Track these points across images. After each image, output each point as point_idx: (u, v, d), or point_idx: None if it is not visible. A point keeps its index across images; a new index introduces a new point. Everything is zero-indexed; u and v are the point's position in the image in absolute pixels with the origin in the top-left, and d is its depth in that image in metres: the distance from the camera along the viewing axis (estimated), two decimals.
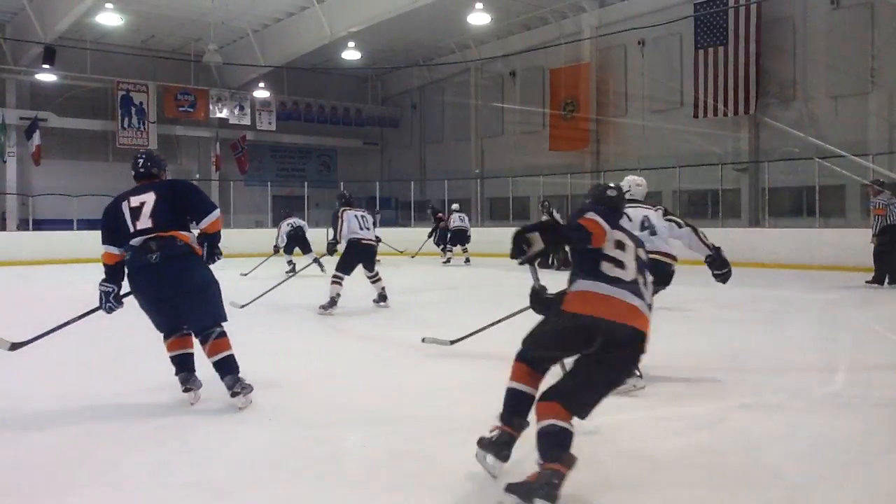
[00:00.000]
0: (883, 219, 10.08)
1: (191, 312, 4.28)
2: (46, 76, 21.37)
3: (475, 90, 25.97)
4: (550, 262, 14.64)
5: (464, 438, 3.66)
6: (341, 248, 8.75)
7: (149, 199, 4.17)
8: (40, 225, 20.18)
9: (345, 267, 8.52)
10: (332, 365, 5.71)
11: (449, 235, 17.23)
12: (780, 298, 9.78)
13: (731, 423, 3.88)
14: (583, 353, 2.98)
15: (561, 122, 22.55)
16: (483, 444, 3.11)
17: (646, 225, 5.44)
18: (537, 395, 2.98)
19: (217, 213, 4.28)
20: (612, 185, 3.54)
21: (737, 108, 18.12)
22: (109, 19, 18.99)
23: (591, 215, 3.05)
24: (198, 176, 25.99)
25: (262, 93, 24.59)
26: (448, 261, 17.03)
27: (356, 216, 8.64)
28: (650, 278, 3.21)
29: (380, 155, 31.04)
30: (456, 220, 17.23)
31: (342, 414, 4.18)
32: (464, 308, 9.51)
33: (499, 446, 3.07)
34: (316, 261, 13.56)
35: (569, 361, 3.09)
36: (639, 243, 3.23)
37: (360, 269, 8.83)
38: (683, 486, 3.04)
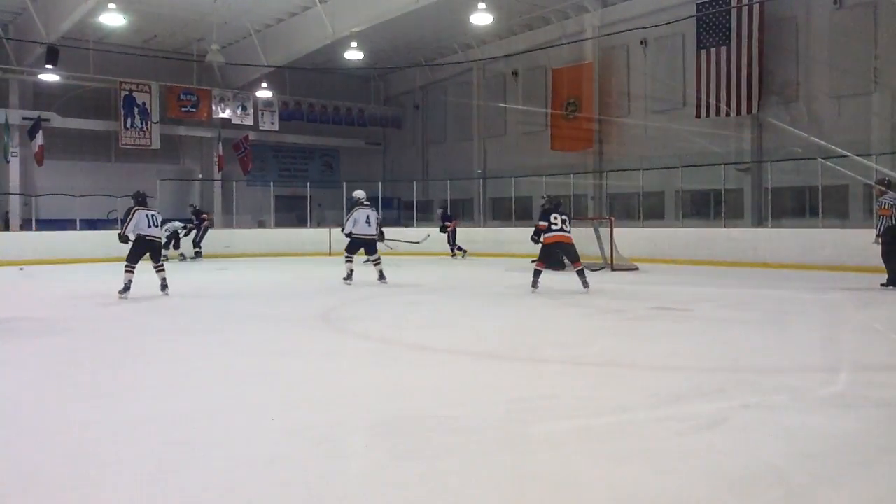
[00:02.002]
0: (888, 219, 10.04)
1: None
2: (49, 76, 21.38)
3: (477, 90, 25.98)
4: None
5: (467, 439, 3.67)
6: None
7: None
8: (43, 225, 20.21)
9: (133, 258, 9.90)
10: (333, 365, 5.72)
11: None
12: (782, 298, 9.78)
13: (732, 423, 3.88)
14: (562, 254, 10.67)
15: (563, 122, 22.54)
16: (534, 284, 10.35)
17: (368, 220, 11.71)
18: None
19: None
20: (550, 197, 12.30)
21: (739, 108, 18.10)
22: (112, 19, 19.01)
23: (541, 222, 10.42)
24: (200, 176, 26.04)
25: (264, 93, 24.62)
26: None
27: (146, 215, 9.97)
28: (568, 223, 10.32)
29: (382, 155, 31.07)
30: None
31: (343, 414, 4.19)
32: (464, 307, 9.52)
33: (536, 285, 10.33)
34: (181, 255, 18.04)
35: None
36: (563, 212, 10.44)
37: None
38: (685, 486, 3.04)
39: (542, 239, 10.34)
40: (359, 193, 12.07)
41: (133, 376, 5.32)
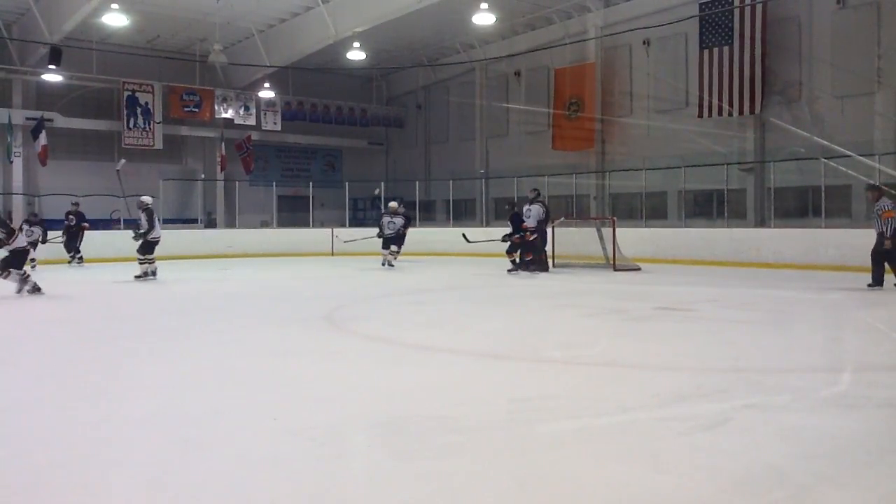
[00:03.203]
0: (894, 220, 10.04)
1: None
2: (52, 76, 21.42)
3: (480, 90, 25.97)
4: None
5: (468, 439, 3.67)
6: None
7: None
8: (46, 225, 20.21)
9: (18, 264, 10.83)
10: (336, 365, 5.72)
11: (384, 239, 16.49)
12: (784, 298, 9.76)
13: (735, 424, 3.88)
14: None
15: (565, 121, 22.53)
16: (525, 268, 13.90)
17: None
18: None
19: None
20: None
21: (742, 108, 18.08)
22: (115, 19, 19.04)
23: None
24: (203, 176, 26.08)
25: (267, 93, 24.64)
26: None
27: (25, 230, 12.43)
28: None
29: (385, 155, 31.08)
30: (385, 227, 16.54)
31: (346, 414, 4.19)
32: (465, 307, 9.52)
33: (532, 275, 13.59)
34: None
35: None
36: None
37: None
38: (687, 486, 3.04)
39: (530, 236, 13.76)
40: (147, 199, 13.41)
41: (134, 376, 5.32)
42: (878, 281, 10.17)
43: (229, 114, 25.14)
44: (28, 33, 21.04)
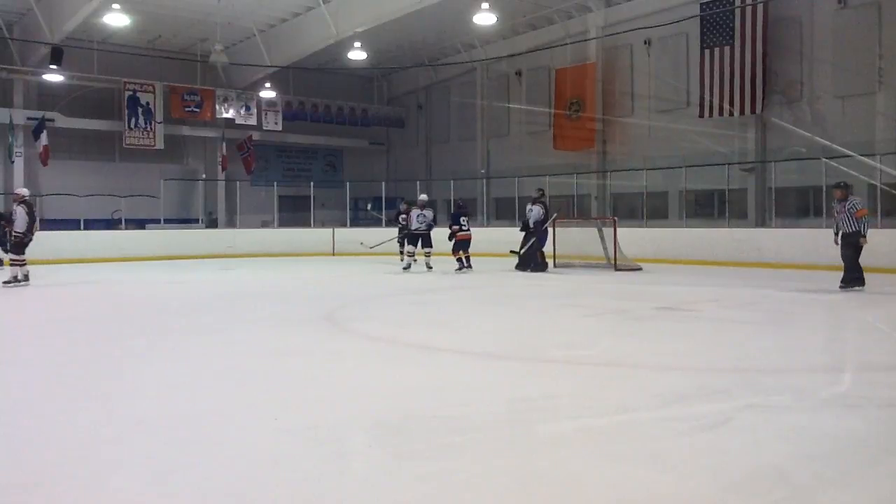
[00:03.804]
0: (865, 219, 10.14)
1: None
2: (53, 76, 21.42)
3: (481, 90, 25.97)
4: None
5: (469, 439, 3.67)
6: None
7: None
8: (48, 225, 20.25)
9: None
10: (336, 365, 5.72)
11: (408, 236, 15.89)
12: (785, 298, 9.76)
13: (736, 424, 3.88)
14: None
15: (566, 121, 22.53)
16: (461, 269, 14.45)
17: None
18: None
19: None
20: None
21: (743, 108, 18.07)
22: (116, 19, 19.03)
23: (454, 224, 14.73)
24: (204, 176, 26.08)
25: (268, 93, 24.62)
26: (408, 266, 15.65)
27: None
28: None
29: (385, 155, 31.09)
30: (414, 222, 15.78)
31: (346, 414, 4.19)
32: (467, 308, 9.53)
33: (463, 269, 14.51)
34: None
35: None
36: (468, 214, 15.40)
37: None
38: (688, 486, 3.04)
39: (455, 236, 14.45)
40: (24, 190, 12.39)
41: (136, 376, 5.32)
42: (858, 280, 10.19)
43: (230, 114, 25.13)
44: (29, 33, 21.04)
